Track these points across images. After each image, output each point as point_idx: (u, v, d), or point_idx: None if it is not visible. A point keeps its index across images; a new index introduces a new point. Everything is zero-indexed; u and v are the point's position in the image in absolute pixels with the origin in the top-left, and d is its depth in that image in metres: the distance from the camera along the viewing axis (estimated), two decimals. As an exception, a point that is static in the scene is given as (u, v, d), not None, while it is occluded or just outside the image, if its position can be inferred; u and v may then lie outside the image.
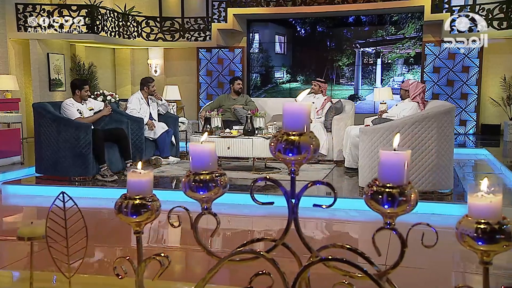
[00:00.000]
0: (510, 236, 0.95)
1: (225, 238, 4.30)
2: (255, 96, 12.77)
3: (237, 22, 12.41)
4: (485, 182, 0.96)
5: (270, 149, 1.05)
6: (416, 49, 12.20)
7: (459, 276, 3.49)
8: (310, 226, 4.71)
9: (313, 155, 1.00)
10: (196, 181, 1.07)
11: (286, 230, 1.03)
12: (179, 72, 13.54)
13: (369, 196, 1.00)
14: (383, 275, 0.99)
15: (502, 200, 0.98)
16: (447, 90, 11.52)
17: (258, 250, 1.02)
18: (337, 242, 1.06)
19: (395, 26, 12.40)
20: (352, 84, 13.01)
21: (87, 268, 3.38)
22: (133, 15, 12.35)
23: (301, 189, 1.05)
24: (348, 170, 6.49)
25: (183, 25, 12.78)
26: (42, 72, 10.87)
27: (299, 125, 1.00)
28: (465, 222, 0.98)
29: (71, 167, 5.93)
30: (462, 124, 11.52)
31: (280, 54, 13.54)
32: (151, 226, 4.35)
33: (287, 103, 1.01)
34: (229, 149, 6.45)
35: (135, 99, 7.38)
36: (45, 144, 6.02)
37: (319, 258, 0.98)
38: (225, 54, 12.99)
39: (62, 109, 6.23)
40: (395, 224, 1.00)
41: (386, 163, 0.97)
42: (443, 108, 5.03)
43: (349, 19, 12.80)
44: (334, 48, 13.04)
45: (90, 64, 11.98)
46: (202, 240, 1.10)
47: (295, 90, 13.13)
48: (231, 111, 7.85)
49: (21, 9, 10.65)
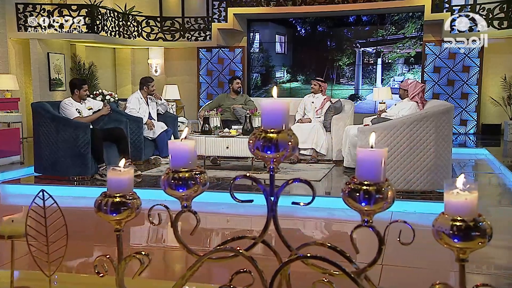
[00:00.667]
0: (486, 233, 0.95)
1: (223, 237, 4.30)
2: (256, 95, 12.78)
3: (237, 21, 12.41)
4: (461, 179, 0.96)
5: (248, 147, 1.05)
6: (416, 48, 12.18)
7: (456, 275, 3.48)
8: (309, 226, 4.71)
9: (291, 152, 1.00)
10: (175, 179, 1.07)
11: (265, 228, 1.03)
12: (179, 72, 13.54)
13: (346, 193, 1.00)
14: (361, 272, 0.99)
15: (477, 197, 0.98)
16: (447, 90, 11.51)
17: (238, 248, 1.01)
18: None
19: (396, 25, 12.39)
20: (353, 84, 13.00)
21: (85, 267, 3.39)
22: (133, 15, 12.35)
23: (280, 187, 1.04)
24: (347, 170, 6.49)
25: (183, 25, 12.78)
26: (42, 71, 10.89)
27: (278, 123, 1.00)
28: (441, 220, 0.97)
29: (70, 166, 5.93)
30: (462, 124, 11.51)
31: (281, 54, 13.53)
32: (143, 225, 4.36)
33: (265, 100, 1.01)
34: (228, 149, 6.45)
35: (135, 99, 7.38)
36: (44, 143, 6.02)
37: (297, 256, 0.97)
38: (225, 53, 12.99)
39: (61, 109, 6.23)
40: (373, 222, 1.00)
41: (363, 161, 0.97)
42: (441, 108, 5.03)
43: (350, 18, 12.79)
44: (334, 47, 13.03)
45: (90, 63, 11.99)
46: (182, 238, 1.10)
47: (296, 89, 13.13)
48: (230, 111, 7.84)
49: (21, 9, 10.66)
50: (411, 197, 4.90)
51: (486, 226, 0.94)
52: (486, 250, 1.93)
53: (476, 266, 3.59)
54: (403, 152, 4.91)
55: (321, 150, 7.22)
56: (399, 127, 4.91)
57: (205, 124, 6.74)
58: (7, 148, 7.23)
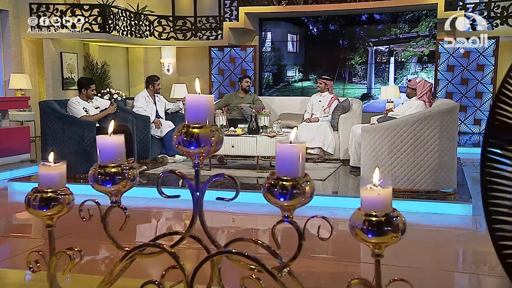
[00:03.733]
0: (398, 228, 0.93)
1: (225, 235, 4.30)
2: (267, 95, 12.75)
3: (249, 21, 12.39)
4: (376, 175, 0.94)
5: (173, 142, 1.03)
6: (430, 47, 12.03)
7: (458, 276, 3.42)
8: (307, 225, 4.68)
9: (215, 148, 0.98)
10: (102, 174, 1.06)
11: (191, 223, 1.01)
12: (191, 71, 13.58)
13: (265, 189, 0.98)
14: (283, 267, 0.97)
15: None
16: (461, 89, 11.33)
17: (163, 245, 1.00)
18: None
19: (409, 24, 12.26)
20: (365, 83, 12.90)
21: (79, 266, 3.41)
22: (145, 15, 12.42)
23: (205, 182, 1.03)
24: (353, 169, 6.43)
25: (195, 24, 12.81)
26: (55, 71, 11.00)
27: (201, 118, 0.98)
28: (356, 215, 0.96)
29: (76, 164, 5.96)
30: (476, 124, 11.32)
31: (293, 53, 13.48)
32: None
33: (189, 95, 0.99)
34: (233, 148, 6.44)
35: (142, 98, 7.42)
36: (51, 141, 6.08)
37: (219, 251, 0.96)
38: (237, 53, 12.98)
39: (68, 107, 6.29)
40: (292, 218, 0.97)
41: (281, 156, 0.95)
42: (445, 107, 4.95)
43: (362, 17, 12.69)
44: (346, 46, 12.94)
45: (103, 63, 12.08)
46: (111, 233, 1.09)
47: (308, 88, 13.06)
48: (238, 110, 7.84)
49: (35, 9, 10.79)
50: (415, 196, 4.84)
51: (399, 221, 0.92)
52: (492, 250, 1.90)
53: (476, 266, 3.53)
54: (407, 151, 4.84)
55: (328, 149, 7.17)
56: (403, 126, 4.85)
57: (211, 123, 6.73)
58: (17, 146, 7.33)
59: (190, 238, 1.10)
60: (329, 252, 3.73)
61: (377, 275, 0.94)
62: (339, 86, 12.84)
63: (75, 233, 3.60)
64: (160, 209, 5.11)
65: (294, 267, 1.02)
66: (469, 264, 3.70)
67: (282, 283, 0.92)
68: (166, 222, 4.97)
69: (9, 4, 10.37)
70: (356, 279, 0.95)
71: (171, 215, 5.07)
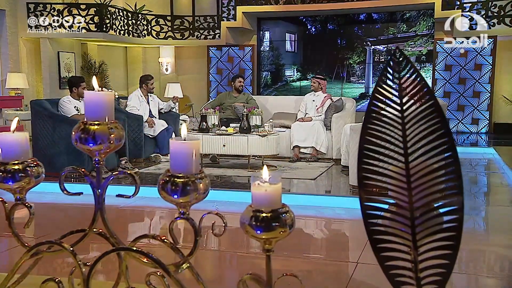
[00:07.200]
0: (286, 223, 0.92)
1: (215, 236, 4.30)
2: (266, 94, 12.74)
3: (247, 20, 12.39)
4: (265, 171, 0.93)
5: (72, 140, 1.03)
6: (428, 46, 12.00)
7: (458, 276, 3.38)
8: (298, 225, 4.67)
9: (115, 144, 0.97)
10: (2, 171, 1.06)
11: (93, 220, 1.01)
12: (190, 70, 13.59)
13: (159, 186, 0.97)
14: (184, 262, 0.97)
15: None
16: (459, 88, 11.29)
17: (62, 243, 1.00)
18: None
19: (407, 23, 12.23)
20: (363, 82, 12.87)
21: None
22: (143, 14, 12.43)
23: (105, 179, 1.02)
24: (344, 168, 6.42)
25: (193, 24, 12.81)
26: (52, 70, 11.02)
27: (100, 115, 0.98)
28: (246, 212, 0.95)
29: (66, 163, 5.99)
30: (474, 123, 11.28)
31: (291, 52, 13.47)
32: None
33: (87, 92, 0.99)
34: (224, 147, 6.44)
35: (135, 97, 7.43)
36: (42, 140, 6.10)
37: (115, 248, 0.96)
38: (235, 52, 12.97)
39: (59, 106, 6.30)
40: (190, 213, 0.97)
41: (175, 154, 0.95)
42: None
43: (360, 16, 12.67)
44: (345, 46, 12.92)
45: (100, 62, 12.10)
46: (16, 231, 1.09)
47: (306, 88, 13.04)
48: (231, 109, 7.83)
49: (32, 8, 10.81)
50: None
51: (287, 217, 0.92)
52: (490, 250, 1.88)
53: (476, 266, 3.49)
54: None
55: (321, 148, 7.16)
56: (390, 125, 4.82)
57: (203, 122, 6.74)
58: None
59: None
60: (322, 251, 3.77)
61: (268, 270, 0.94)
62: (337, 86, 12.82)
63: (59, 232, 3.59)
64: (153, 208, 5.10)
65: (290, 268, 1.02)
66: (467, 263, 3.67)
67: (177, 280, 0.91)
68: (148, 221, 4.96)
69: (6, 4, 10.40)
70: (248, 274, 0.95)
71: (153, 215, 5.07)
